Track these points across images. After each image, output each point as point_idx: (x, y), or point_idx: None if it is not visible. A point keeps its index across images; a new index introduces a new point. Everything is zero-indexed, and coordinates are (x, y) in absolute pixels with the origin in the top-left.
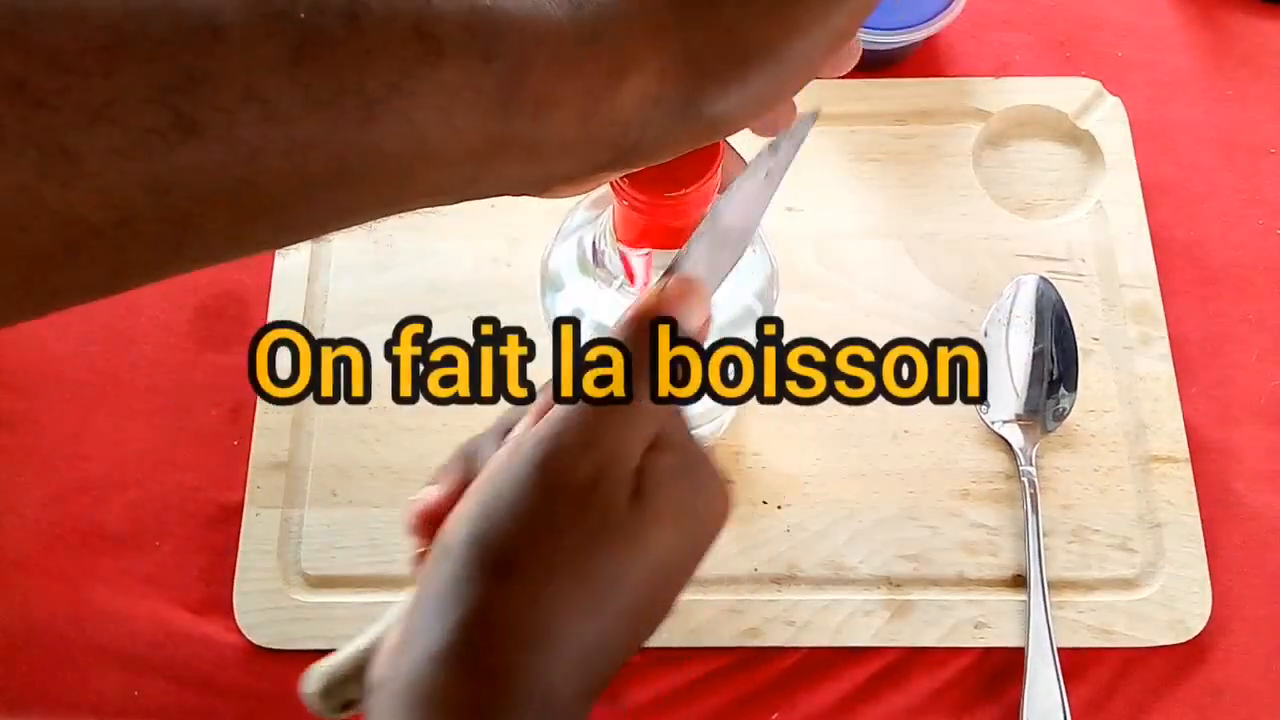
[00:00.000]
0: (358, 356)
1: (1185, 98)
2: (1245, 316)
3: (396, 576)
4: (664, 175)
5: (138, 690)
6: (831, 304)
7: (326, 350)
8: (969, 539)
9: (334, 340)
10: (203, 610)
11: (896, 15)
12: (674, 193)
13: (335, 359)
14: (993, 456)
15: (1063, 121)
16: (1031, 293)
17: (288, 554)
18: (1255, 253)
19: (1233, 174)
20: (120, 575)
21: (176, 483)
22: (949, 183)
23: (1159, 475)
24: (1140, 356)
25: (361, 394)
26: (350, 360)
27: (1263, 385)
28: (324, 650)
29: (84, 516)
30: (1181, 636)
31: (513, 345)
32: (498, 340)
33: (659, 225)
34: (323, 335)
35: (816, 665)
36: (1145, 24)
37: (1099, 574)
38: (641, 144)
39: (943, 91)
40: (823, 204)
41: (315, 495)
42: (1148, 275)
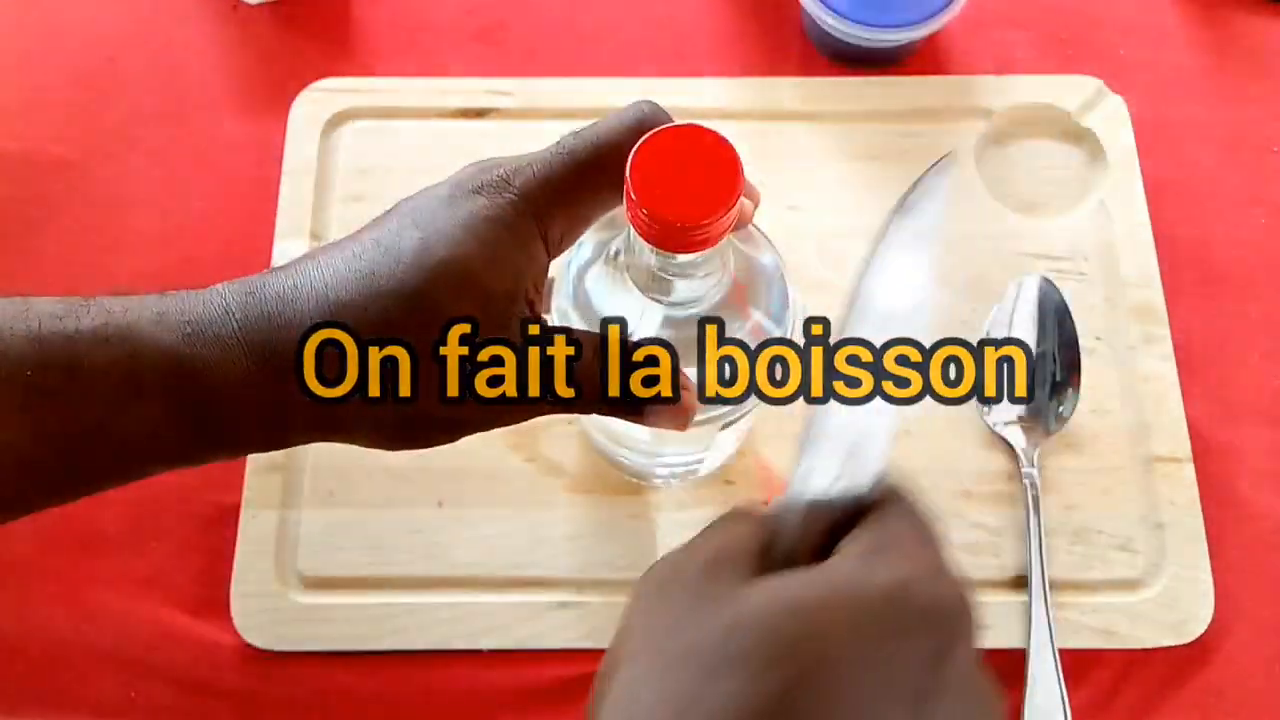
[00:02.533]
0: (405, 356)
1: (1188, 96)
2: (1249, 315)
3: (395, 577)
4: (680, 200)
5: (134, 691)
6: (832, 303)
7: (373, 350)
8: (971, 540)
9: (381, 340)
10: (200, 612)
11: (897, 13)
12: (691, 224)
13: (382, 359)
14: (994, 457)
15: (1065, 120)
16: (1034, 293)
17: (285, 555)
18: (1259, 251)
19: (1236, 172)
20: (117, 577)
21: (173, 484)
22: (950, 182)
23: (1161, 475)
24: (1143, 356)
25: (409, 394)
26: (398, 360)
27: (1266, 385)
28: (321, 652)
29: (81, 518)
30: (1184, 638)
31: (559, 345)
32: (544, 340)
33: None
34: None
35: None
36: (1148, 22)
37: (1101, 575)
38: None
39: (944, 90)
40: (823, 203)
41: (313, 496)
42: (1150, 274)
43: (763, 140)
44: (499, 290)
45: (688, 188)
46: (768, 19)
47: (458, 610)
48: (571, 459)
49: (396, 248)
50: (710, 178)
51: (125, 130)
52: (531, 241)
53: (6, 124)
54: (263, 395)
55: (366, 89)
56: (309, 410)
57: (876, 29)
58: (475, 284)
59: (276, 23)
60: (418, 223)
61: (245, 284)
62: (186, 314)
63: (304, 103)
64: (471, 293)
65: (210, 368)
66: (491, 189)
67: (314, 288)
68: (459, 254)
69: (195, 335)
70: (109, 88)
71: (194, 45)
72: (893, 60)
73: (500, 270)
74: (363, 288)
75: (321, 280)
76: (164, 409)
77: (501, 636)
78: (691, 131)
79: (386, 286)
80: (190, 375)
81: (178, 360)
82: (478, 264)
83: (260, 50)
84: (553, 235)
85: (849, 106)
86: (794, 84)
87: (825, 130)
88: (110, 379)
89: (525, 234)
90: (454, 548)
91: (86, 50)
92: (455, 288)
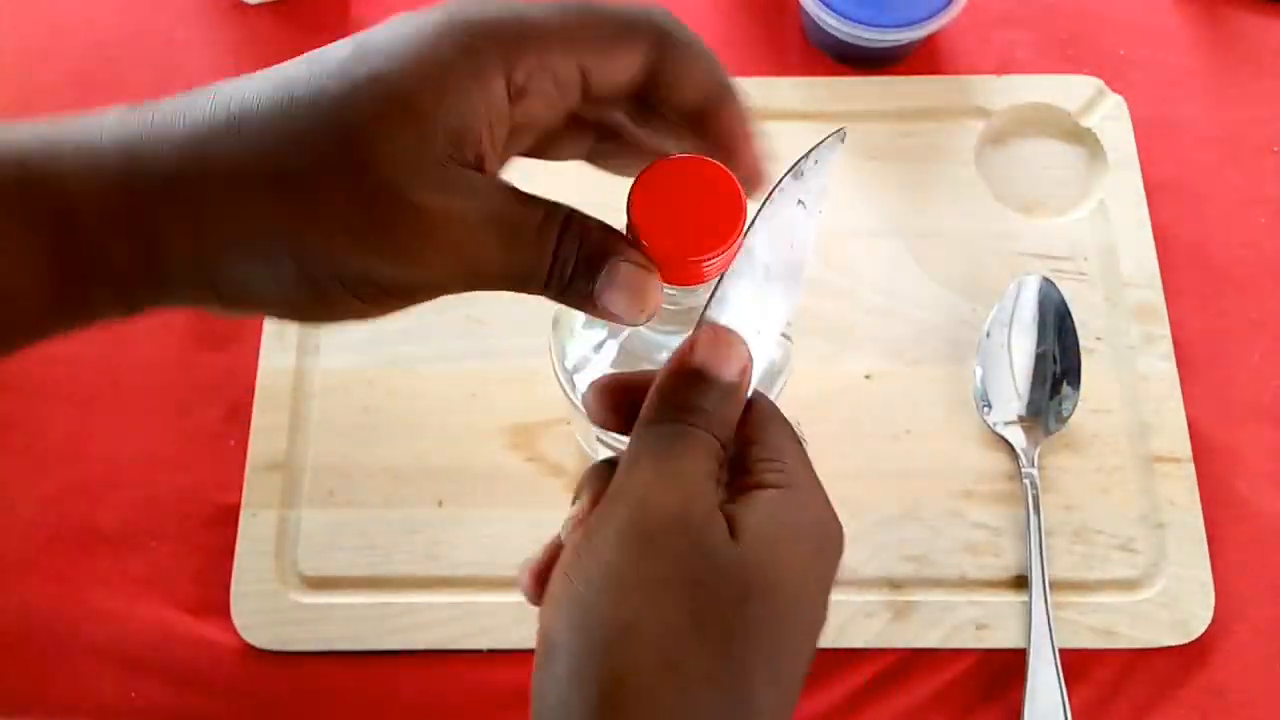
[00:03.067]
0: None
1: (1188, 96)
2: (1249, 315)
3: (394, 577)
4: (684, 233)
5: (134, 691)
6: (833, 303)
7: None
8: (971, 540)
9: None
10: (200, 611)
11: (897, 13)
12: (696, 257)
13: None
14: (995, 457)
15: (1065, 120)
16: (1034, 294)
17: (285, 555)
18: (1259, 251)
19: (1236, 172)
20: (117, 576)
21: (173, 483)
22: (951, 181)
23: (1161, 475)
24: (1143, 356)
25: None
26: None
27: (1266, 384)
28: (321, 652)
29: (81, 517)
30: (1184, 637)
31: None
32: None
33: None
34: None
35: (818, 666)
36: (1148, 22)
37: (1101, 575)
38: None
39: (944, 90)
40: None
41: (312, 496)
42: (1150, 274)
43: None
44: (444, 123)
45: (689, 221)
46: (768, 19)
47: (457, 610)
48: (572, 459)
49: (324, 58)
50: (712, 211)
51: None
52: (492, 74)
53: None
54: (135, 215)
55: None
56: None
57: (877, 29)
58: (414, 109)
59: (276, 22)
60: (358, 37)
61: (138, 104)
62: (45, 122)
63: None
64: (408, 119)
65: (68, 175)
66: (456, 6)
67: (214, 97)
68: (398, 69)
69: (54, 140)
70: (109, 87)
71: (193, 45)
72: (893, 60)
73: (445, 98)
74: (273, 96)
75: (228, 91)
76: (9, 228)
77: (501, 636)
78: (694, 163)
79: (302, 96)
80: (43, 181)
81: (26, 167)
82: (422, 85)
83: (260, 50)
84: (516, 77)
85: (849, 106)
86: (794, 83)
87: (825, 130)
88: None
89: (486, 63)
90: (454, 547)
91: (86, 50)
92: (387, 109)
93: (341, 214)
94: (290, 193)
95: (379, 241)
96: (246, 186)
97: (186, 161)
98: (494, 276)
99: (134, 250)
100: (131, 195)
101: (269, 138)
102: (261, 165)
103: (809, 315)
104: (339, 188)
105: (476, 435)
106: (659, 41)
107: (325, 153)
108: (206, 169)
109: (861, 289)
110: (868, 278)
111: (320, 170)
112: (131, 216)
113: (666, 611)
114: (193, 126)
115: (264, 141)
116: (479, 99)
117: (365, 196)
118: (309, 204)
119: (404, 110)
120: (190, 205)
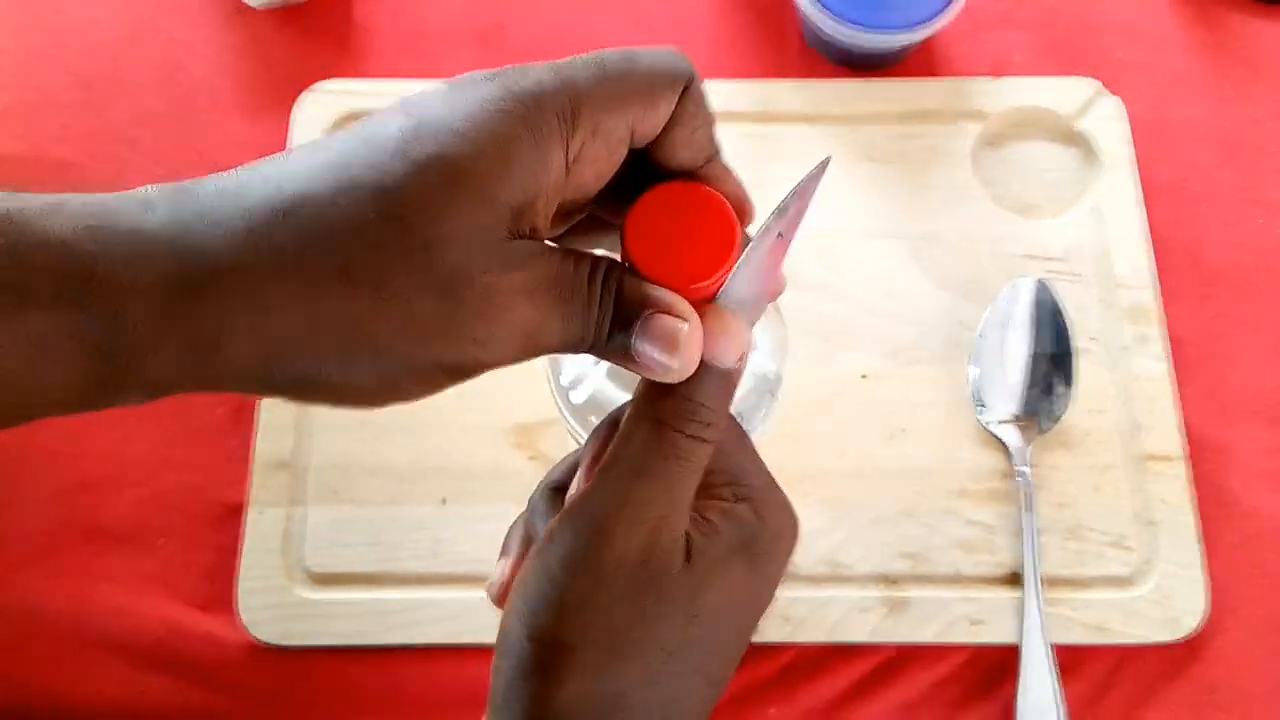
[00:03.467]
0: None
1: (1184, 98)
2: (1244, 316)
3: (399, 573)
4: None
5: (142, 687)
6: (830, 304)
7: None
8: (965, 537)
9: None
10: (207, 607)
11: (895, 15)
12: (694, 284)
13: None
14: (989, 456)
15: (1061, 122)
16: (1029, 295)
17: (291, 551)
18: (1254, 252)
19: (1232, 174)
20: (124, 573)
21: (180, 481)
22: (948, 183)
23: (1154, 474)
24: (1136, 356)
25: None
26: None
27: (1261, 384)
28: (326, 647)
29: (88, 514)
30: (1176, 634)
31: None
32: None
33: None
34: None
35: (813, 661)
36: (1144, 24)
37: (1094, 571)
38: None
39: (941, 92)
40: (821, 204)
41: (317, 493)
42: (1144, 275)
43: (762, 142)
44: (505, 200)
45: (684, 247)
46: (767, 22)
47: (461, 606)
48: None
49: (379, 136)
50: (707, 237)
51: (128, 132)
52: (551, 145)
53: (9, 125)
54: (190, 316)
55: (368, 90)
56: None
57: (875, 31)
58: (481, 191)
59: (279, 25)
60: (411, 110)
61: (179, 183)
62: (91, 205)
63: (306, 104)
64: (476, 201)
65: (118, 271)
66: (507, 77)
67: (266, 179)
68: (458, 148)
69: (101, 229)
70: (112, 89)
71: (197, 47)
72: (891, 62)
73: (510, 175)
74: (329, 179)
75: (277, 172)
76: (54, 324)
77: None
78: (688, 190)
79: (363, 178)
80: (90, 278)
81: (74, 257)
82: (482, 163)
83: (263, 52)
84: (573, 145)
85: (848, 108)
86: (793, 86)
87: (824, 132)
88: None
89: (545, 134)
90: (457, 545)
91: (89, 52)
92: (450, 190)
93: (414, 305)
94: (358, 286)
95: (456, 331)
96: (312, 281)
97: (242, 253)
98: (553, 345)
99: (184, 351)
100: (186, 293)
101: (332, 226)
102: (325, 256)
103: (806, 315)
104: (410, 277)
105: (479, 434)
106: (686, 85)
107: (393, 241)
108: (265, 261)
109: (858, 290)
110: (864, 279)
111: (389, 259)
112: (187, 318)
113: (606, 637)
114: (246, 213)
115: (327, 230)
116: (540, 173)
117: (437, 286)
118: (379, 297)
119: (470, 192)
120: (249, 300)
